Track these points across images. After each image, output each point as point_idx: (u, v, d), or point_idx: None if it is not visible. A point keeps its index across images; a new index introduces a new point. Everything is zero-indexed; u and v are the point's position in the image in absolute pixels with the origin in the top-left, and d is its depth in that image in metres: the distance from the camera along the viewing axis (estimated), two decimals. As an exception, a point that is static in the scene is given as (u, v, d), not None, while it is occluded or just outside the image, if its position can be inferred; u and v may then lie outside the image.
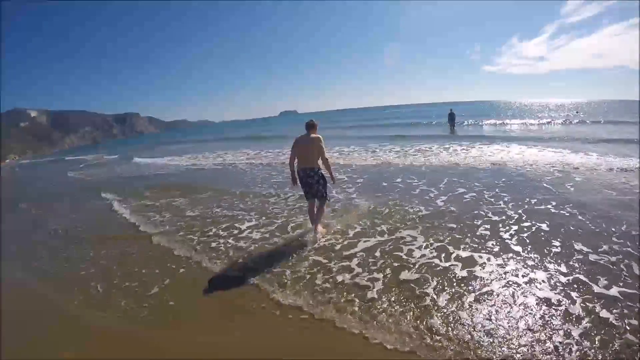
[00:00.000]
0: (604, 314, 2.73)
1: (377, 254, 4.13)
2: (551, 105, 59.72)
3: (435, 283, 3.38)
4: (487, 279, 3.38)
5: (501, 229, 4.58)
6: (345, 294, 3.33)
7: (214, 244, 4.92)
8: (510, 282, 3.28)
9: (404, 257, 3.99)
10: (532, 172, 7.93)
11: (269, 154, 15.15)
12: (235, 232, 5.34)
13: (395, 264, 3.83)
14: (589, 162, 8.74)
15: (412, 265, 3.77)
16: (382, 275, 3.61)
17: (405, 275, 3.59)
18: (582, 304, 2.87)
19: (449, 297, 3.13)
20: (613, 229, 4.37)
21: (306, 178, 4.60)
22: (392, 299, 3.18)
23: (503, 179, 7.36)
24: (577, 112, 32.58)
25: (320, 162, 4.62)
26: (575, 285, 3.16)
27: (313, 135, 4.62)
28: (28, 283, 4.45)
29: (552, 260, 3.65)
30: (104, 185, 11.17)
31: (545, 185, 6.74)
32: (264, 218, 5.80)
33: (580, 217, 4.88)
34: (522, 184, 6.85)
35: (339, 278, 3.63)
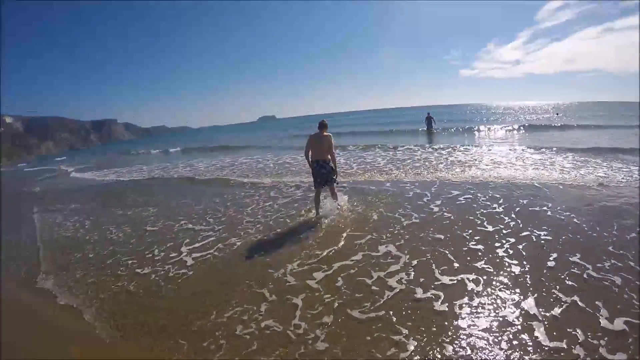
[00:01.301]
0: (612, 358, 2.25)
1: (339, 282, 3.46)
2: (530, 108, 60.78)
3: (404, 326, 2.69)
4: (470, 315, 2.76)
5: (495, 241, 4.12)
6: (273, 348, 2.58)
7: (139, 270, 4.30)
8: (499, 317, 2.70)
9: (374, 288, 3.29)
10: (519, 176, 7.54)
11: (248, 161, 14.48)
12: (173, 254, 4.67)
13: (358, 295, 3.18)
14: (575, 165, 8.48)
15: (380, 298, 3.10)
16: (333, 317, 2.87)
17: (365, 314, 2.89)
18: (584, 345, 2.37)
19: (417, 347, 2.46)
20: (605, 234, 4.13)
21: (319, 168, 5.34)
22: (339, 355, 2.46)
23: (491, 184, 6.94)
24: (557, 114, 33.09)
25: (329, 155, 5.35)
26: (575, 318, 2.63)
27: (325, 133, 5.36)
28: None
29: (548, 283, 3.13)
30: (59, 198, 10.41)
31: (535, 185, 6.49)
32: (225, 234, 5.21)
33: (576, 221, 4.57)
34: (512, 189, 6.42)
35: (265, 323, 2.88)
